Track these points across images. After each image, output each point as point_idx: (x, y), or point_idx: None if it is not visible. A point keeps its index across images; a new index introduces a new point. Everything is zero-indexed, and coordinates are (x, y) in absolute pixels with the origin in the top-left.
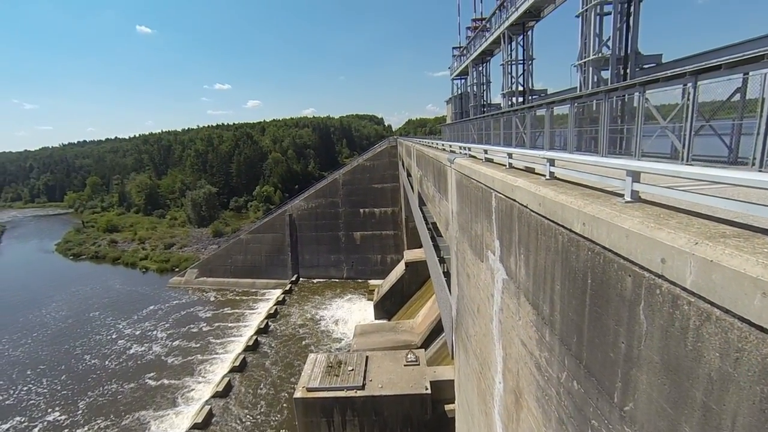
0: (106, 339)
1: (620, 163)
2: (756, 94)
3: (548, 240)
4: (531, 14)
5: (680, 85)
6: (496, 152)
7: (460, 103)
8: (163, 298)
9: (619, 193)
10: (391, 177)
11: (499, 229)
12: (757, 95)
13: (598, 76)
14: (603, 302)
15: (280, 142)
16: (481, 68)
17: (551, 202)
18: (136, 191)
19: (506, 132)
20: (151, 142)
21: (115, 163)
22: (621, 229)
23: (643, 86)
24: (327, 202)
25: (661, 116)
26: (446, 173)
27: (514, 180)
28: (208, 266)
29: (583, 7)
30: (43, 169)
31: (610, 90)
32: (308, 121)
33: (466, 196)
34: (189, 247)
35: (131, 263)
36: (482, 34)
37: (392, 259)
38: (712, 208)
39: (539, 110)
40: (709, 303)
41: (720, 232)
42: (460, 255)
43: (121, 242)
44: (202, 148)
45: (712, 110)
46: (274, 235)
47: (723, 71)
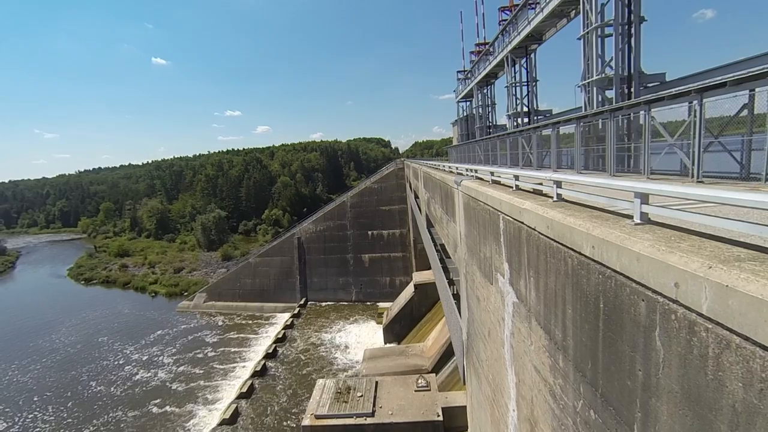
0: (113, 365)
1: (628, 185)
2: (764, 109)
3: (558, 263)
4: (533, 38)
5: (686, 103)
6: (503, 174)
7: (465, 124)
8: (171, 322)
9: (628, 214)
10: (399, 199)
11: (507, 251)
12: (765, 110)
13: (602, 95)
14: (617, 327)
15: (289, 166)
16: (485, 90)
17: (559, 224)
18: (147, 216)
19: (513, 152)
20: (163, 167)
21: (128, 189)
22: (631, 253)
23: (649, 104)
24: (335, 225)
25: (668, 133)
26: (453, 195)
27: (521, 202)
28: (217, 290)
29: (584, 30)
30: (59, 195)
31: (615, 109)
32: (316, 145)
33: (474, 219)
34: (198, 271)
35: (141, 287)
36: (486, 58)
37: (401, 281)
38: (724, 230)
39: (545, 130)
40: (728, 330)
41: (734, 255)
42: (470, 277)
43: (132, 266)
44: (212, 173)
45: (721, 125)
46: (283, 258)
47: (728, 88)
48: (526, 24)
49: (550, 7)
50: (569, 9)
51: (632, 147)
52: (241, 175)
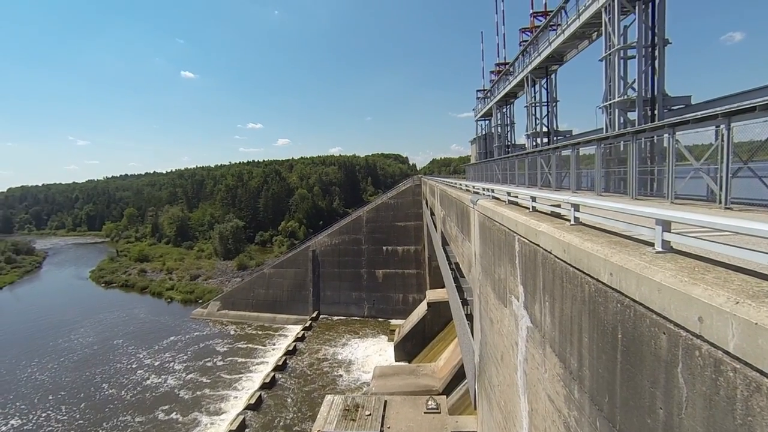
0: (126, 368)
1: (649, 211)
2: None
3: (574, 288)
4: (554, 59)
5: (713, 127)
6: (520, 195)
7: (484, 143)
8: (184, 329)
9: (649, 242)
10: (415, 215)
11: (523, 274)
12: None
13: (624, 117)
14: (636, 360)
15: (307, 179)
16: (504, 110)
17: (576, 249)
18: (168, 223)
19: (531, 172)
20: (186, 176)
21: (152, 196)
22: (652, 282)
23: (673, 127)
24: (350, 239)
25: (694, 157)
26: (469, 214)
27: (537, 225)
28: (231, 299)
29: (606, 51)
30: (87, 199)
31: (637, 131)
32: (335, 159)
33: (489, 239)
34: (214, 279)
35: (158, 293)
36: (506, 78)
37: (414, 298)
38: (752, 262)
39: (564, 151)
40: (758, 371)
41: (764, 290)
42: (483, 298)
43: (150, 272)
44: (232, 183)
45: (751, 150)
46: (297, 270)
47: (758, 113)
48: (547, 45)
49: (572, 29)
50: (591, 31)
51: (655, 170)
52: (260, 186)
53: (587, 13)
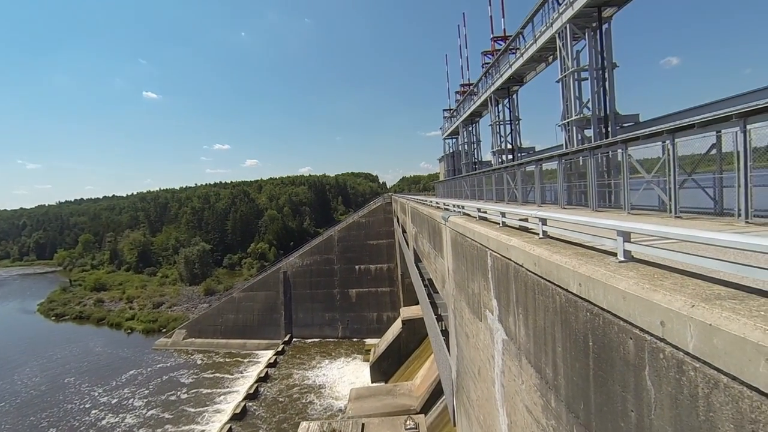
0: (78, 409)
1: (611, 223)
2: (731, 148)
3: (546, 300)
4: (514, 80)
5: (659, 142)
6: (490, 210)
7: (452, 160)
8: (145, 361)
9: (612, 252)
10: (387, 233)
11: (496, 287)
12: (732, 150)
13: (581, 134)
14: (607, 366)
15: (277, 199)
16: (470, 128)
17: (546, 262)
18: (128, 248)
19: (498, 188)
20: (149, 199)
21: (111, 221)
22: (617, 291)
23: (625, 143)
24: (322, 259)
25: (645, 170)
26: (441, 231)
27: (508, 239)
28: (198, 326)
29: (561, 74)
30: (36, 226)
31: (594, 147)
32: (304, 179)
33: (462, 254)
34: (179, 306)
35: (116, 324)
36: (470, 98)
37: (388, 316)
38: (704, 268)
39: (529, 166)
40: (715, 369)
41: (715, 293)
42: (458, 313)
43: (108, 301)
44: (198, 205)
45: (693, 163)
46: (268, 293)
47: (696, 129)
48: (507, 67)
49: (530, 52)
50: (547, 54)
51: (612, 183)
52: (228, 208)
53: (543, 38)
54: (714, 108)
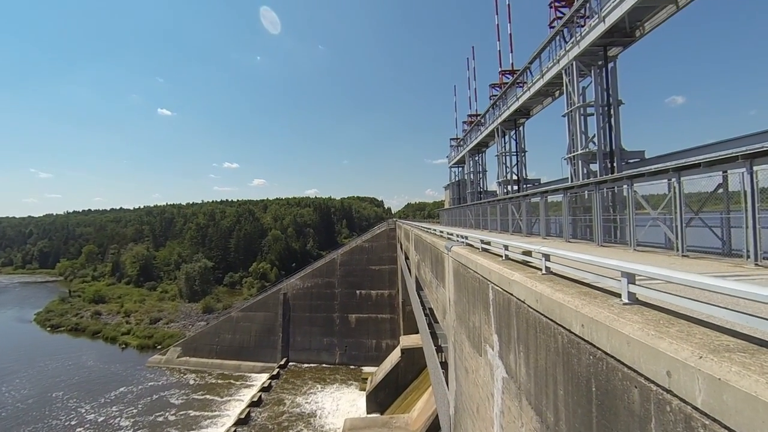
0: (63, 425)
1: (615, 264)
2: (738, 188)
3: (548, 339)
4: (521, 113)
5: (665, 180)
6: (493, 242)
7: (457, 189)
8: (137, 378)
9: (616, 293)
10: (389, 259)
11: (497, 322)
12: (739, 189)
13: (587, 168)
14: (611, 415)
15: (281, 220)
16: (477, 158)
17: (548, 299)
18: (130, 261)
19: (503, 218)
20: (155, 213)
21: (116, 233)
22: (621, 335)
23: (631, 179)
24: (323, 282)
25: (650, 207)
26: (443, 260)
27: (510, 274)
28: (193, 344)
29: (568, 108)
30: (42, 235)
31: (600, 182)
32: (310, 201)
33: (464, 286)
34: (176, 323)
35: (111, 338)
36: (477, 128)
37: (387, 344)
38: (712, 316)
39: (534, 198)
40: (726, 429)
41: (723, 344)
42: (458, 346)
43: (106, 314)
44: (203, 222)
45: (700, 201)
46: (266, 314)
47: (702, 169)
48: (514, 100)
49: (537, 87)
50: (554, 89)
51: (618, 218)
52: (233, 226)
53: (550, 74)
54: (720, 148)
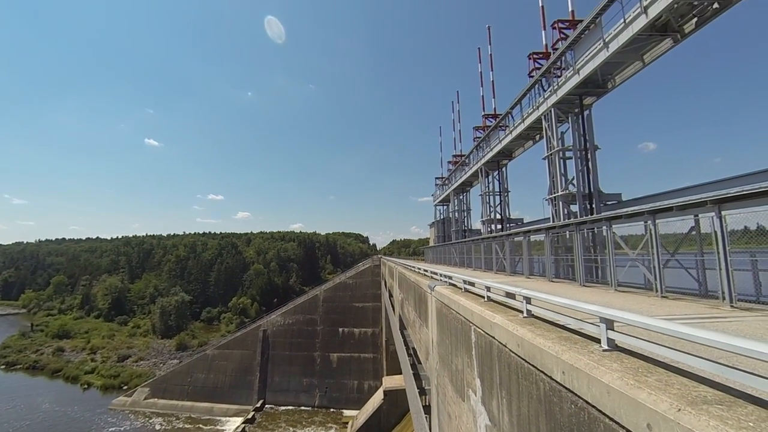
0: None
1: (593, 309)
2: (709, 229)
3: (530, 385)
4: (504, 154)
5: (641, 222)
6: (476, 283)
7: (442, 227)
8: (96, 424)
9: (596, 338)
10: (373, 296)
11: (480, 366)
12: (710, 231)
13: (567, 209)
14: None
15: (265, 254)
16: (461, 197)
17: (529, 344)
18: (102, 294)
19: (487, 257)
20: (133, 244)
21: (89, 263)
22: (601, 384)
23: (609, 221)
24: (305, 319)
25: (629, 247)
26: (427, 300)
27: (492, 316)
28: (163, 385)
29: (547, 151)
30: (9, 264)
31: (580, 222)
32: (294, 236)
33: (446, 327)
34: (146, 361)
35: (73, 377)
36: (462, 168)
37: (370, 386)
38: (689, 365)
39: (517, 237)
40: None
41: (701, 396)
42: (441, 390)
43: (69, 351)
44: (183, 253)
45: (676, 241)
46: (244, 352)
47: (675, 212)
48: (497, 142)
49: (518, 130)
50: (534, 133)
51: (599, 259)
52: (214, 259)
53: (530, 119)
54: (691, 192)
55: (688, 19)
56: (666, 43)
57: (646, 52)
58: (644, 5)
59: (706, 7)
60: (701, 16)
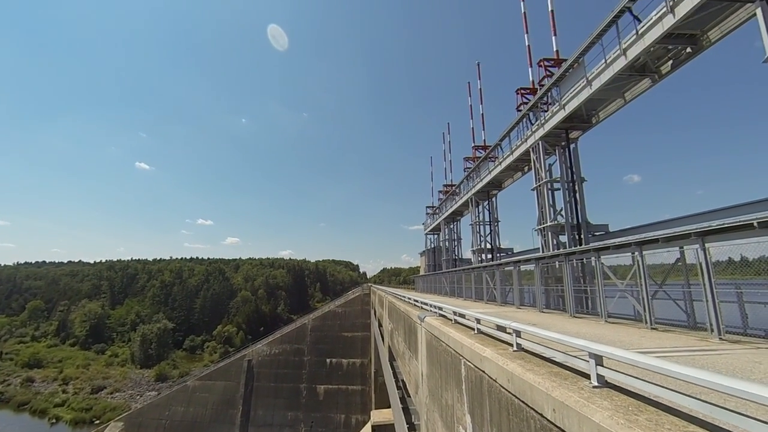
0: None
1: (582, 344)
2: (694, 260)
3: (521, 423)
4: (493, 185)
5: (629, 253)
6: (467, 314)
7: (433, 256)
8: None
9: (586, 373)
10: (363, 326)
11: (470, 401)
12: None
13: (556, 239)
14: None
15: (253, 280)
16: (452, 226)
17: (520, 380)
18: (80, 320)
19: (477, 287)
20: (117, 268)
21: (69, 288)
22: (592, 423)
23: (598, 252)
24: (292, 349)
25: (618, 278)
26: (417, 331)
27: (482, 349)
28: (138, 419)
29: (536, 183)
30: None
31: (569, 253)
32: (284, 263)
33: (436, 360)
34: (122, 393)
35: (41, 410)
36: (453, 198)
37: (357, 420)
38: (677, 403)
39: (507, 267)
40: None
41: None
42: (431, 426)
43: (40, 382)
44: (169, 279)
45: (664, 272)
46: (227, 384)
47: (661, 244)
48: (487, 173)
49: (507, 162)
50: (523, 165)
51: (588, 289)
52: (200, 285)
53: (518, 151)
54: (676, 224)
55: (665, 62)
56: (645, 82)
57: (627, 91)
58: (623, 47)
59: (680, 51)
60: (676, 59)
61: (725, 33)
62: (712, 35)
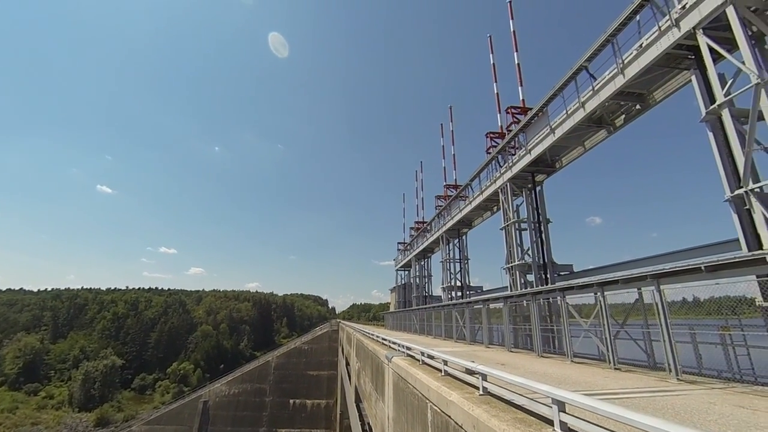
0: None
1: (545, 390)
2: (651, 300)
3: None
4: (464, 223)
5: (592, 293)
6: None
7: (403, 292)
8: None
9: (549, 420)
10: (329, 364)
11: None
12: (653, 302)
13: (524, 278)
14: None
15: (215, 314)
16: (423, 263)
17: (485, 426)
18: (13, 356)
19: (447, 325)
20: (64, 298)
21: (5, 319)
22: None
23: (563, 291)
24: (253, 389)
25: (582, 317)
26: (384, 371)
27: (448, 393)
28: None
29: (504, 222)
30: None
31: (536, 293)
32: (250, 296)
33: (403, 402)
34: None
35: None
36: (424, 234)
37: None
38: None
39: (476, 305)
40: None
41: None
42: None
43: None
44: (122, 311)
45: (625, 311)
46: (178, 429)
47: (620, 285)
48: (458, 212)
49: (477, 201)
50: (492, 205)
51: (555, 329)
52: (157, 317)
53: (488, 191)
54: (634, 265)
55: (618, 115)
56: (602, 133)
57: (587, 140)
58: (582, 101)
59: (631, 107)
60: (628, 113)
61: (668, 94)
62: (656, 95)
